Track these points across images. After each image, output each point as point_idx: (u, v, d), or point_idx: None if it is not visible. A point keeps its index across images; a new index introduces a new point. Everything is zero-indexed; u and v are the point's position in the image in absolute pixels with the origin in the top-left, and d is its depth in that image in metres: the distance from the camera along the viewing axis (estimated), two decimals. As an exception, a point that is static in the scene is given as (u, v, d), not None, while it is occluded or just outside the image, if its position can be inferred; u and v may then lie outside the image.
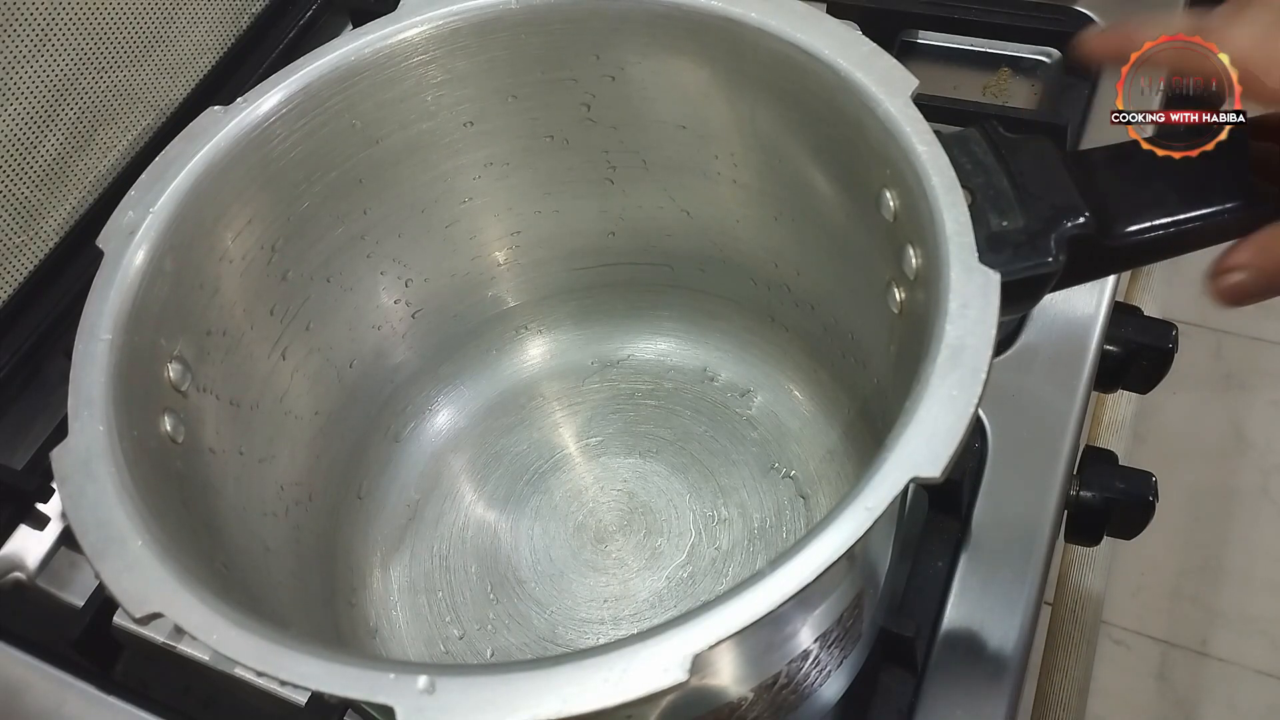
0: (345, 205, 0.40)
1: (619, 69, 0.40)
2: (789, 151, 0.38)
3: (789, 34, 0.34)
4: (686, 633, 0.23)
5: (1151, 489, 0.43)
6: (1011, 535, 0.42)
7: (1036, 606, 0.40)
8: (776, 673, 0.33)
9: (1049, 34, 0.59)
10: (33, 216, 0.54)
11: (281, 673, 0.24)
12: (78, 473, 0.28)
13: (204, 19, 0.61)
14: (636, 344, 0.49)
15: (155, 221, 0.33)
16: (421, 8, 0.38)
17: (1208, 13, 0.30)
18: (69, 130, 0.55)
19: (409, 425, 0.47)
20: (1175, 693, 1.00)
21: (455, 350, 0.48)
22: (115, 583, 0.26)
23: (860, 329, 0.40)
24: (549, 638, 0.42)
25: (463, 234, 0.45)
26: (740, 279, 0.46)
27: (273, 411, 0.39)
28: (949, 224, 0.29)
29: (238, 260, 0.37)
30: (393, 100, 0.39)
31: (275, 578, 0.36)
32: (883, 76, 0.32)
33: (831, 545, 0.24)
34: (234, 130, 0.36)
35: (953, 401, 0.26)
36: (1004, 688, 0.39)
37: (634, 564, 0.43)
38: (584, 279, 0.48)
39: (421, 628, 0.43)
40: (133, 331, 0.32)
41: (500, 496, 0.46)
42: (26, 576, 0.48)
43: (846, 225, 0.37)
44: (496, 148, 0.42)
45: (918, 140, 0.31)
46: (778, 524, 0.43)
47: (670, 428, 0.47)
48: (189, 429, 0.33)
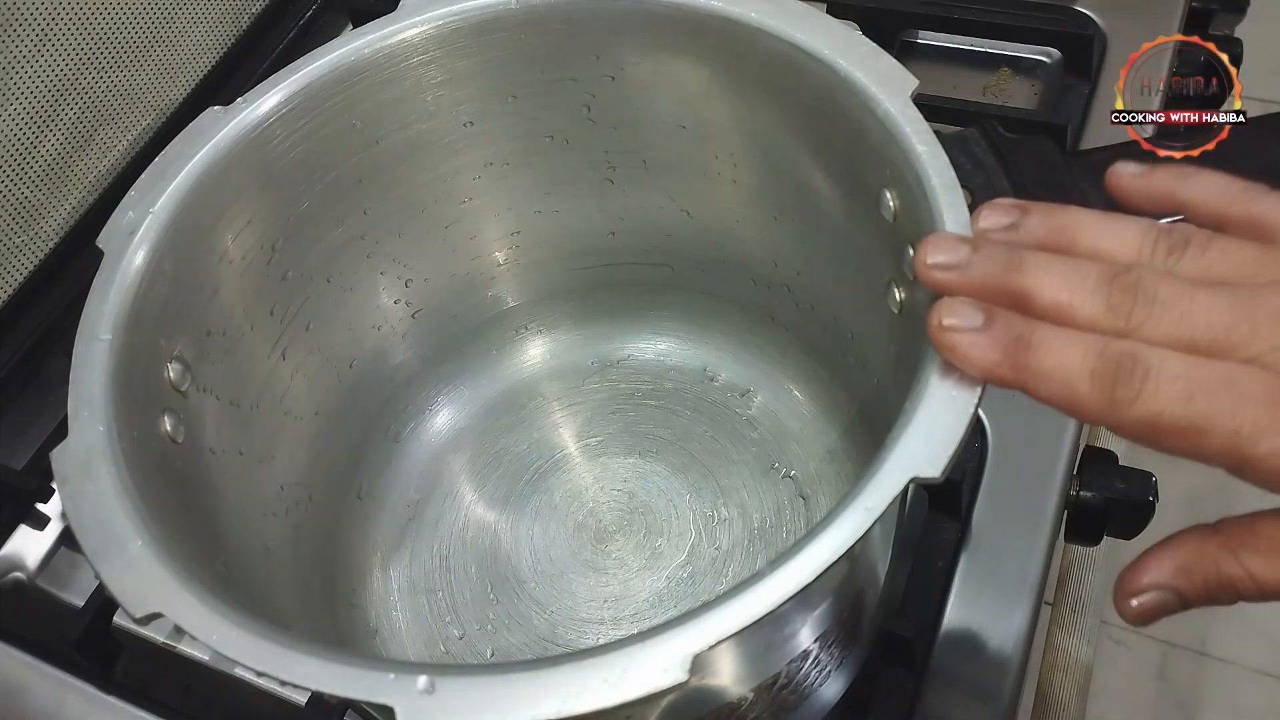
0: (345, 205, 0.40)
1: (619, 69, 0.40)
2: (789, 151, 0.38)
3: (789, 34, 0.34)
4: (686, 633, 0.23)
5: (1152, 489, 0.43)
6: (1011, 535, 0.42)
7: (1036, 606, 0.40)
8: (776, 673, 0.33)
9: (1049, 34, 0.59)
10: (33, 216, 0.54)
11: (281, 673, 0.24)
12: (78, 473, 0.28)
13: (204, 19, 0.61)
14: (636, 344, 0.49)
15: (155, 222, 0.33)
16: (421, 8, 0.38)
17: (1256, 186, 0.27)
18: (69, 130, 0.55)
19: (409, 425, 0.47)
20: (1175, 693, 1.00)
21: (455, 350, 0.48)
22: (115, 583, 0.26)
23: (860, 329, 0.40)
24: (549, 638, 0.42)
25: (463, 234, 0.45)
26: (740, 279, 0.46)
27: (273, 411, 0.39)
28: (949, 224, 0.29)
29: (238, 260, 0.37)
30: (393, 100, 0.39)
31: (275, 578, 0.36)
32: (883, 76, 0.32)
33: (831, 545, 0.24)
34: (234, 130, 0.36)
35: (953, 401, 0.26)
36: (1004, 688, 0.39)
37: (634, 564, 0.43)
38: (584, 279, 0.48)
39: (421, 628, 0.43)
40: (133, 331, 0.32)
41: (500, 496, 0.46)
42: (26, 576, 0.48)
43: (846, 225, 0.37)
44: (496, 148, 0.42)
45: (918, 140, 0.31)
46: (778, 524, 0.43)
47: (670, 428, 0.47)
48: (189, 429, 0.33)
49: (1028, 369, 0.25)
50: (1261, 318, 0.24)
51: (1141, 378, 0.23)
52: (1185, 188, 0.27)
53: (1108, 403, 0.24)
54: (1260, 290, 0.24)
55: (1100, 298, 0.25)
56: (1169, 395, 0.23)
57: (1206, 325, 0.24)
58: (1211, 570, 0.25)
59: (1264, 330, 0.24)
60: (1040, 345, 0.25)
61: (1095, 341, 0.24)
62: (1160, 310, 0.24)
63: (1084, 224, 0.27)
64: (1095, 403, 0.24)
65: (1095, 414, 0.24)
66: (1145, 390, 0.23)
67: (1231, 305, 0.24)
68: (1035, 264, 0.26)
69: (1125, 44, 0.57)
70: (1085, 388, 0.24)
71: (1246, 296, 0.24)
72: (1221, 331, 0.24)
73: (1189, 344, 0.24)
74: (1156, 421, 0.24)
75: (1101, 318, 0.25)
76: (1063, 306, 0.25)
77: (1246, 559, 0.25)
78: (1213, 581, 0.26)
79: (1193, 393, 0.23)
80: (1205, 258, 0.25)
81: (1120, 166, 0.29)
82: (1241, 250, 0.25)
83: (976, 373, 0.26)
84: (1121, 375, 0.24)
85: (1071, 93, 0.57)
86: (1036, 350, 0.25)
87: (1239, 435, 0.23)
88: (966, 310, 0.26)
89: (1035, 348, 0.25)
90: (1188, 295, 0.24)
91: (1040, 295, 0.25)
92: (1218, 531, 0.26)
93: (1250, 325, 0.24)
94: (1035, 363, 0.25)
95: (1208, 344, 0.24)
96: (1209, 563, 0.26)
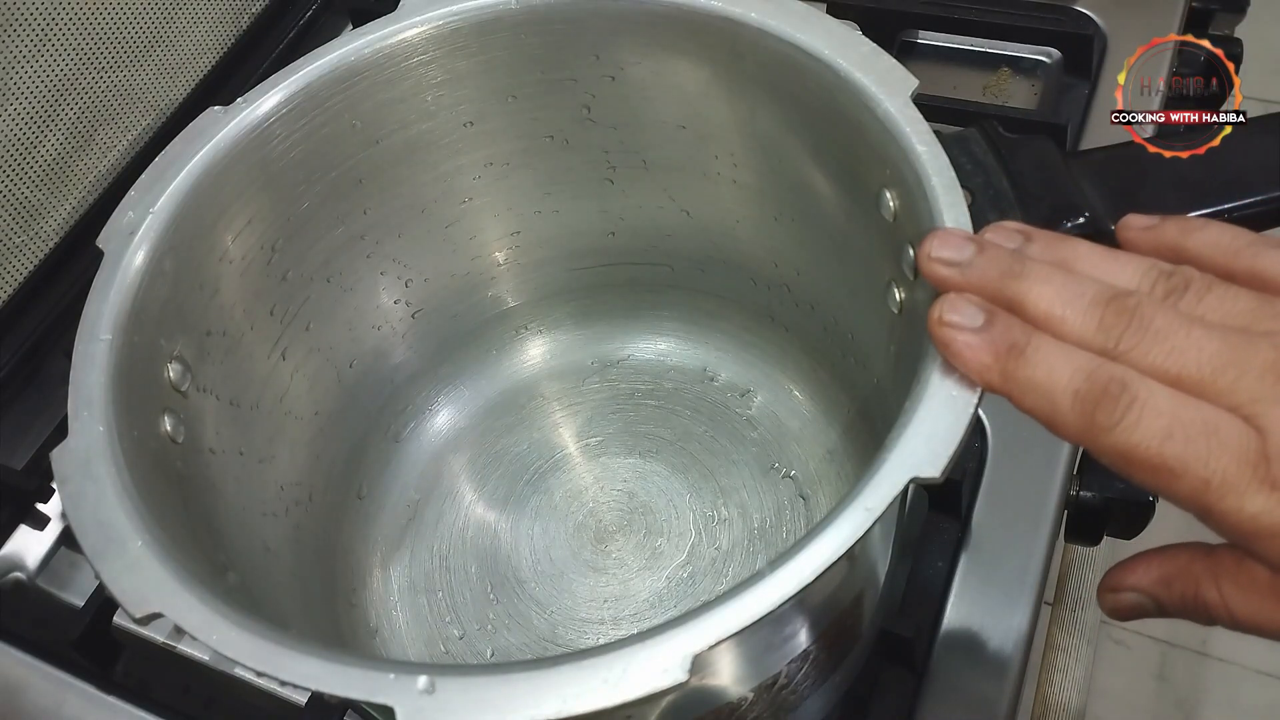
0: (345, 205, 0.40)
1: (619, 69, 0.40)
2: (789, 151, 0.38)
3: (789, 34, 0.34)
4: (686, 633, 0.23)
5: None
6: (1011, 535, 0.42)
7: (1036, 606, 0.40)
8: (776, 673, 0.33)
9: (1049, 34, 0.59)
10: (33, 216, 0.54)
11: (281, 673, 0.24)
12: (78, 473, 0.28)
13: (204, 19, 0.61)
14: (636, 344, 0.49)
15: (155, 222, 0.33)
16: (421, 8, 0.38)
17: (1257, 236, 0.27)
18: (69, 130, 0.55)
19: (409, 425, 0.47)
20: (1175, 693, 1.00)
21: (455, 350, 0.48)
22: (115, 583, 0.26)
23: (860, 329, 0.40)
24: (549, 638, 0.42)
25: (463, 234, 0.45)
26: (740, 279, 0.46)
27: (273, 411, 0.39)
28: (949, 224, 0.29)
29: (238, 260, 0.37)
30: (393, 100, 0.39)
31: (275, 578, 0.36)
32: (882, 76, 0.32)
33: (831, 545, 0.24)
34: (234, 130, 0.36)
35: (953, 401, 0.26)
36: (1004, 688, 0.39)
37: (634, 564, 0.43)
38: (584, 279, 0.48)
39: (421, 628, 0.43)
40: (133, 331, 0.32)
41: (500, 496, 0.46)
42: (26, 576, 0.48)
43: (846, 225, 0.37)
44: (496, 148, 0.42)
45: (918, 140, 0.31)
46: (778, 524, 0.43)
47: (670, 428, 0.47)
48: (189, 429, 0.33)
49: (1014, 378, 0.25)
50: (1250, 366, 0.23)
51: (1126, 406, 0.23)
52: (1192, 240, 0.27)
53: (1086, 425, 0.24)
54: (1255, 340, 0.24)
55: (1093, 316, 0.25)
56: (1148, 429, 0.23)
57: (1196, 364, 0.24)
58: (1190, 589, 0.26)
59: (1249, 380, 0.23)
60: (1033, 356, 0.25)
61: (1088, 362, 0.24)
62: (1152, 339, 0.24)
63: (1085, 258, 0.27)
64: (1074, 423, 0.24)
65: (1073, 434, 0.24)
66: (1126, 420, 0.23)
67: (1224, 349, 0.24)
68: (1035, 274, 0.26)
69: (1125, 44, 0.57)
70: (1066, 406, 0.24)
71: (1239, 343, 0.24)
72: (1209, 373, 0.24)
73: (1175, 379, 0.24)
74: (1131, 453, 0.23)
75: (1091, 336, 0.25)
76: (1054, 319, 0.25)
77: (1227, 589, 0.25)
78: (1189, 600, 0.26)
79: (1172, 432, 0.23)
80: (1203, 304, 0.25)
81: (1130, 220, 0.29)
82: (1239, 300, 0.25)
83: (967, 373, 0.26)
84: (1105, 400, 0.24)
85: (1071, 93, 0.57)
86: (1028, 360, 0.25)
87: (1209, 485, 0.23)
88: (969, 309, 0.26)
89: (1027, 358, 0.25)
90: (1183, 330, 0.24)
91: (1034, 305, 0.25)
92: (1209, 555, 0.26)
93: (1237, 372, 0.23)
94: (1024, 372, 0.25)
95: (1193, 383, 0.24)
96: (1190, 581, 0.26)
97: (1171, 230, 0.28)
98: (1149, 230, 0.28)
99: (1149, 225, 0.28)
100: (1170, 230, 0.28)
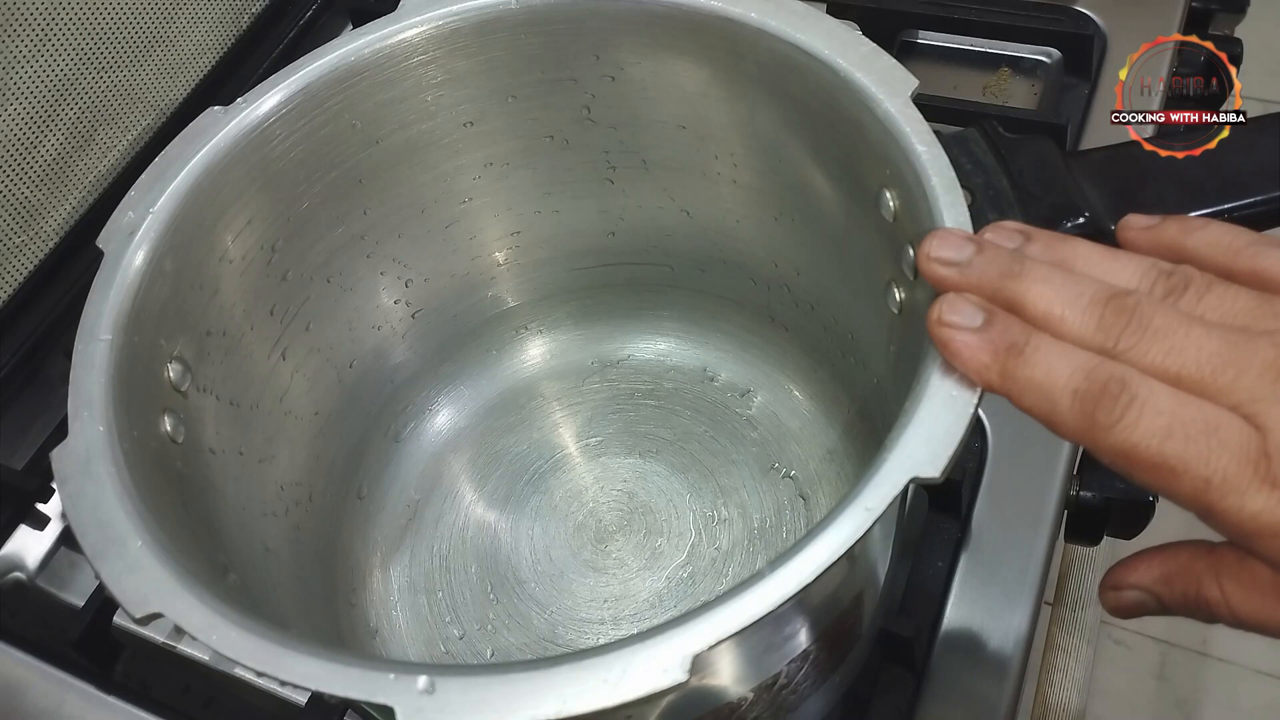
0: (345, 205, 0.40)
1: (619, 69, 0.40)
2: (789, 151, 0.38)
3: (788, 34, 0.34)
4: (686, 633, 0.23)
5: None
6: (1011, 535, 0.42)
7: (1036, 606, 0.40)
8: (776, 673, 0.33)
9: (1049, 34, 0.59)
10: (33, 216, 0.54)
11: (281, 673, 0.24)
12: (78, 473, 0.28)
13: (204, 19, 0.61)
14: (636, 344, 0.49)
15: (155, 222, 0.33)
16: (421, 8, 0.38)
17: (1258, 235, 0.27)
18: (69, 130, 0.55)
19: (409, 425, 0.47)
20: (1175, 693, 1.00)
21: (455, 350, 0.48)
22: (115, 583, 0.26)
23: (860, 329, 0.40)
24: (549, 638, 0.42)
25: (463, 234, 0.45)
26: (740, 279, 0.46)
27: (273, 411, 0.39)
28: (949, 224, 0.29)
29: (238, 260, 0.37)
30: (392, 100, 0.39)
31: (275, 578, 0.36)
32: (882, 76, 0.32)
33: (831, 545, 0.24)
34: (234, 130, 0.36)
35: (953, 401, 0.26)
36: (1004, 688, 0.39)
37: (634, 564, 0.43)
38: (584, 279, 0.48)
39: (421, 628, 0.43)
40: (133, 332, 0.32)
41: (500, 497, 0.46)
42: (26, 576, 0.48)
43: (846, 225, 0.37)
44: (496, 148, 0.42)
45: (918, 140, 0.31)
46: (778, 524, 0.43)
47: (670, 428, 0.47)
48: (189, 429, 0.33)
49: (1014, 377, 0.25)
50: (1249, 366, 0.23)
51: (1125, 405, 0.23)
52: (1192, 240, 0.27)
53: (1086, 424, 0.24)
54: (1255, 339, 0.24)
55: (1092, 315, 0.25)
56: (1148, 428, 0.23)
57: (1195, 363, 0.24)
58: (1192, 588, 0.26)
59: (1249, 379, 0.23)
60: (1032, 355, 0.25)
61: (1087, 360, 0.24)
62: (1151, 338, 0.24)
63: (1085, 258, 0.27)
64: (1074, 422, 0.24)
65: (1073, 433, 0.24)
66: (1126, 419, 0.23)
67: (1224, 348, 0.24)
68: (1034, 273, 0.26)
69: (1125, 44, 0.57)
70: (1066, 405, 0.24)
71: (1239, 342, 0.24)
72: (1209, 371, 0.24)
73: (1175, 378, 0.24)
74: (1131, 452, 0.23)
75: (1090, 335, 0.25)
76: (1053, 319, 0.25)
77: (1228, 587, 0.25)
78: (1191, 598, 0.26)
79: (1172, 430, 0.23)
80: (1202, 303, 0.25)
81: (1130, 219, 0.29)
82: (1239, 299, 0.25)
83: (966, 373, 0.26)
84: (1105, 399, 0.24)
85: (1071, 93, 0.57)
86: (1027, 360, 0.25)
87: (1209, 484, 0.23)
88: (968, 309, 0.26)
89: (1026, 357, 0.25)
90: (1182, 329, 0.24)
91: (1033, 304, 0.25)
92: (1210, 553, 0.26)
93: (1237, 371, 0.23)
94: (1023, 372, 0.25)
95: (1193, 381, 0.24)
96: (1191, 580, 0.26)
97: (1171, 230, 0.28)
98: (1149, 230, 0.28)
99: (1149, 225, 0.28)
100: (1170, 230, 0.28)
